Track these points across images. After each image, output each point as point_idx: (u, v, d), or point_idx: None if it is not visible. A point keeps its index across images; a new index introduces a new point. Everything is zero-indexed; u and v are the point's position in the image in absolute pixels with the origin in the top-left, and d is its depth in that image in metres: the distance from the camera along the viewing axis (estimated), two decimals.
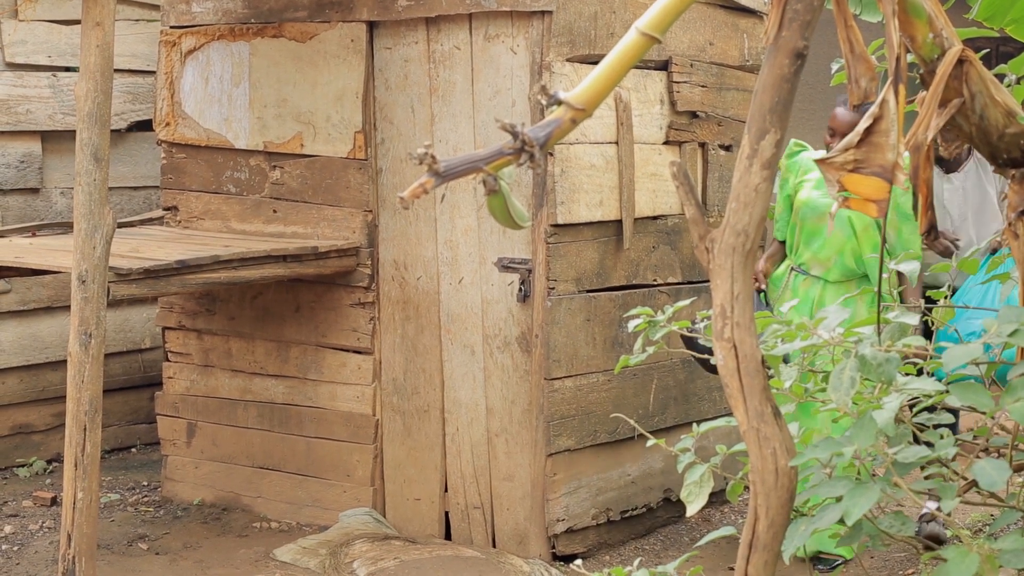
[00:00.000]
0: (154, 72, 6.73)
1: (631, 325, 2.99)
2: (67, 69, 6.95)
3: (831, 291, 5.39)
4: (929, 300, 4.18)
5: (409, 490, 5.85)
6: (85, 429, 4.49)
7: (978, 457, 2.30)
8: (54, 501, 6.29)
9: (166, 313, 6.40)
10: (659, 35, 2.36)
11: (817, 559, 5.44)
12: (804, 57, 2.27)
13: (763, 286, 5.54)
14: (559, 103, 2.35)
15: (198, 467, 6.38)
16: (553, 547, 5.52)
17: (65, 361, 4.60)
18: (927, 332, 3.34)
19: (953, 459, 2.47)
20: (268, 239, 5.89)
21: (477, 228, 5.56)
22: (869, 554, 5.53)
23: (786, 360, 2.66)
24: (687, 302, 2.99)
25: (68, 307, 4.60)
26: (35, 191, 6.91)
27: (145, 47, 7.21)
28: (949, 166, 5.80)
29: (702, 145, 6.04)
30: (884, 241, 2.68)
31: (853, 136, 2.30)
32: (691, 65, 5.90)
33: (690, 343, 5.14)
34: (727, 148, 6.14)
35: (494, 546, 5.66)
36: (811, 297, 5.45)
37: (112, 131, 4.69)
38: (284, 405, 6.12)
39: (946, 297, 3.02)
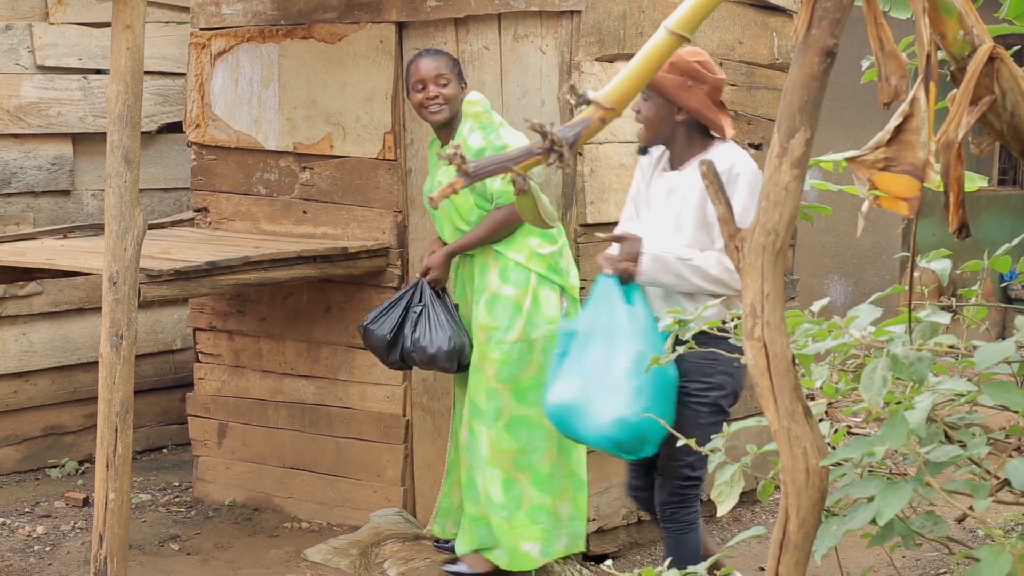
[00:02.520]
0: (184, 74, 6.76)
1: (661, 325, 2.99)
2: (98, 71, 6.99)
3: (465, 261, 5.27)
4: None
5: (439, 490, 5.85)
6: (116, 430, 4.51)
7: (1010, 456, 2.28)
8: (86, 502, 6.32)
9: (197, 314, 6.43)
10: (688, 34, 2.35)
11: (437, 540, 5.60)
12: (834, 55, 2.26)
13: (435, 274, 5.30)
14: (588, 102, 2.35)
15: (229, 468, 6.40)
16: (584, 547, 5.51)
17: (96, 362, 4.61)
18: None
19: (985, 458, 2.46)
20: (298, 240, 5.90)
21: None
22: (900, 553, 5.51)
23: None
24: (716, 301, 2.98)
25: (99, 309, 4.61)
26: (66, 193, 6.95)
27: (175, 49, 7.24)
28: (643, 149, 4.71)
29: None
30: (915, 242, 2.66)
31: (884, 134, 2.29)
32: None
33: (368, 334, 5.26)
34: (757, 147, 6.11)
35: None
36: (460, 275, 5.33)
37: (143, 133, 4.70)
38: (314, 405, 6.13)
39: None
